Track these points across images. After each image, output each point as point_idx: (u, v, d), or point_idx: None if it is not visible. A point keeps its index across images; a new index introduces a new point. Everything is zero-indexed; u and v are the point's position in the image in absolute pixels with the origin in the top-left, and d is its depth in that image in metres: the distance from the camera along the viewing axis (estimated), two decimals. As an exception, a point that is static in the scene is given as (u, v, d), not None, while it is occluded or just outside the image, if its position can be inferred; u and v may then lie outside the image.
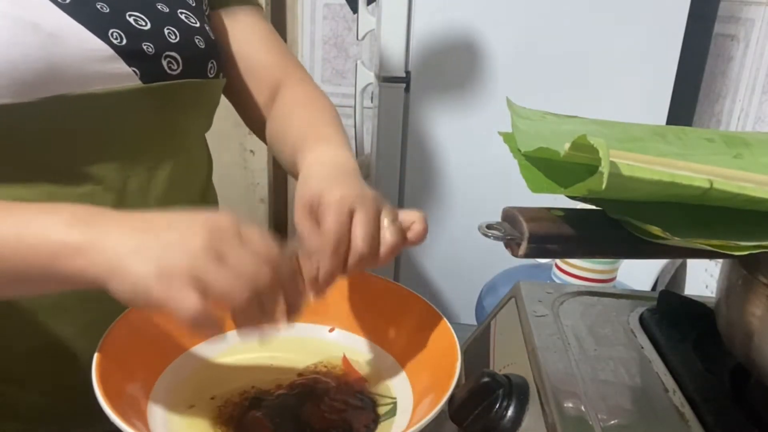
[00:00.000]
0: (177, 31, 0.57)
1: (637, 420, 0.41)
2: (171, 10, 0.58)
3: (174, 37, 0.56)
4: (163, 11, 0.57)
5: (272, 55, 0.68)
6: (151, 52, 0.54)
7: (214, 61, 0.60)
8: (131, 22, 0.54)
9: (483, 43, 1.00)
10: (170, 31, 0.56)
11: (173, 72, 0.56)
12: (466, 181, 1.07)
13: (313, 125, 0.60)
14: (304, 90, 0.67)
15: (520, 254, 0.36)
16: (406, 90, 1.04)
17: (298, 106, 0.65)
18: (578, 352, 0.47)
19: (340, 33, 1.69)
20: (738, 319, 0.40)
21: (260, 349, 0.54)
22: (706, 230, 0.34)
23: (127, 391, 0.45)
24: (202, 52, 0.59)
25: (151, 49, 0.54)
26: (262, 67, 0.67)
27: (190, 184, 0.64)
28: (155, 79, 0.55)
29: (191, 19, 0.59)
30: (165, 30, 0.56)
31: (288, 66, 0.69)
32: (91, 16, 0.51)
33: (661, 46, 0.99)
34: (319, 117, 0.62)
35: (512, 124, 0.42)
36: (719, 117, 1.09)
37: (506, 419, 0.43)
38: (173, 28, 0.56)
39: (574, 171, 0.34)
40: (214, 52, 0.61)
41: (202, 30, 0.60)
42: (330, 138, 0.57)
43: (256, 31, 0.68)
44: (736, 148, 0.41)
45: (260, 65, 0.67)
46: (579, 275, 0.77)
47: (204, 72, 0.59)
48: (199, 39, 0.58)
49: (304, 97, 0.66)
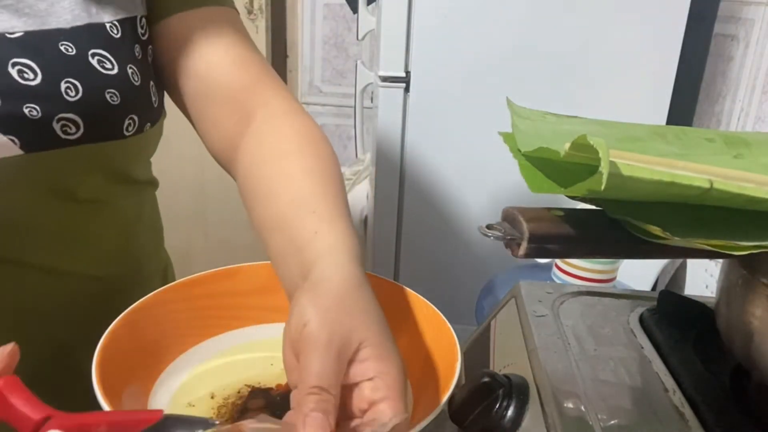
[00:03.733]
0: (80, 85, 0.44)
1: (637, 420, 0.41)
2: (78, 52, 0.45)
3: (73, 93, 0.44)
4: (66, 54, 0.44)
5: (240, 73, 0.53)
6: (36, 115, 0.42)
7: (134, 116, 0.48)
8: (13, 74, 0.42)
9: (483, 43, 1.00)
10: (69, 85, 0.43)
11: (71, 136, 0.44)
12: (466, 181, 1.07)
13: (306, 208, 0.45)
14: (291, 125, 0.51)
15: (520, 254, 0.35)
16: (406, 90, 1.04)
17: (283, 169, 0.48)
18: (578, 352, 0.47)
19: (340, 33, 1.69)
20: (738, 319, 0.40)
21: (260, 348, 0.54)
22: (706, 230, 0.34)
23: (127, 391, 0.45)
24: (115, 110, 0.46)
25: (36, 113, 0.42)
26: (225, 87, 0.52)
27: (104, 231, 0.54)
28: (43, 146, 0.44)
29: (106, 63, 0.46)
30: (62, 85, 0.43)
31: (263, 86, 0.53)
32: None
33: (661, 46, 0.99)
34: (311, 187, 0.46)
35: (512, 124, 0.42)
36: (719, 117, 1.09)
37: (506, 419, 0.43)
38: (74, 81, 0.44)
39: (574, 171, 0.34)
40: (138, 104, 0.49)
41: (119, 78, 0.47)
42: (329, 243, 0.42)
43: (220, 42, 0.52)
44: (736, 148, 0.41)
45: (225, 83, 0.52)
46: (579, 275, 0.77)
47: (117, 132, 0.47)
48: (112, 94, 0.46)
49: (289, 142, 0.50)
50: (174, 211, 0.68)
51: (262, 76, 0.54)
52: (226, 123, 0.53)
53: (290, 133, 0.51)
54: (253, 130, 0.52)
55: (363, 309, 0.38)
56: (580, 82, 1.01)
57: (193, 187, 1.75)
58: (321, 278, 0.39)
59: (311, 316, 0.36)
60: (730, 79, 1.06)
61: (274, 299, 0.57)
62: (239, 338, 0.55)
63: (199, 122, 0.55)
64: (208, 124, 0.54)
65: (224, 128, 0.53)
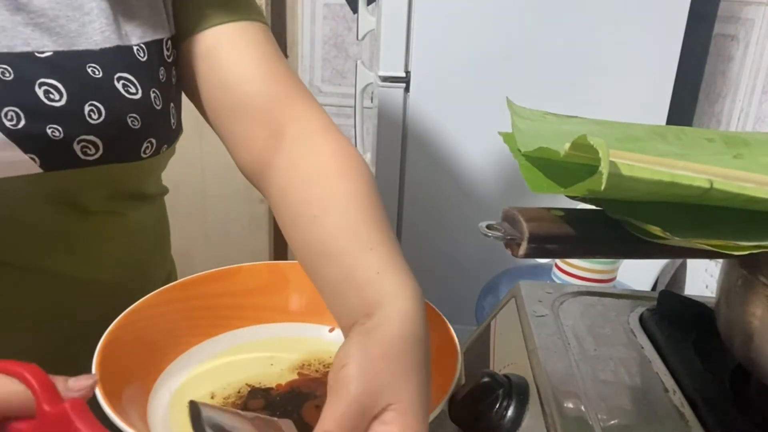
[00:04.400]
0: (103, 109, 0.45)
1: (637, 420, 0.41)
2: (105, 75, 0.45)
3: (96, 117, 0.44)
4: (93, 77, 0.45)
5: (271, 86, 0.52)
6: (58, 136, 0.43)
7: (153, 139, 0.49)
8: (39, 95, 0.42)
9: (483, 43, 1.00)
10: (93, 108, 0.44)
11: (89, 158, 0.45)
12: (466, 181, 1.07)
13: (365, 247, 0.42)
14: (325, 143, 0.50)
15: (520, 254, 0.35)
16: (406, 90, 1.04)
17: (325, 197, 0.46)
18: (578, 352, 0.47)
19: (340, 33, 1.69)
20: (738, 319, 0.40)
21: (260, 349, 0.54)
22: (706, 230, 0.34)
23: (127, 391, 0.45)
24: (135, 133, 0.47)
25: (59, 133, 0.43)
26: (257, 101, 0.52)
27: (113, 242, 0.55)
28: (61, 166, 0.44)
29: (131, 88, 0.47)
30: (86, 107, 0.44)
31: (296, 100, 0.53)
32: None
33: (661, 46, 0.99)
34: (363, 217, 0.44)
35: (512, 124, 0.42)
36: (719, 117, 1.09)
37: (506, 419, 0.43)
38: (98, 105, 0.44)
39: (574, 171, 0.34)
40: (157, 128, 0.49)
41: (141, 103, 0.47)
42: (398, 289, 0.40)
43: (251, 55, 0.52)
44: (736, 148, 0.41)
45: (257, 98, 0.52)
46: (579, 275, 0.77)
47: (135, 154, 0.48)
48: (133, 118, 0.47)
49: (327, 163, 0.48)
50: (174, 211, 0.68)
51: (293, 90, 0.53)
52: (257, 137, 0.52)
53: (327, 153, 0.49)
54: (286, 147, 0.50)
55: (407, 369, 0.35)
56: (580, 82, 1.01)
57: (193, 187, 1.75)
58: (380, 323, 0.37)
59: (353, 360, 0.35)
60: (730, 79, 1.06)
61: (274, 299, 0.57)
62: (239, 338, 0.55)
63: (227, 136, 0.54)
64: (237, 137, 0.53)
65: (254, 143, 0.52)
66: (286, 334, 0.56)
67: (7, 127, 0.41)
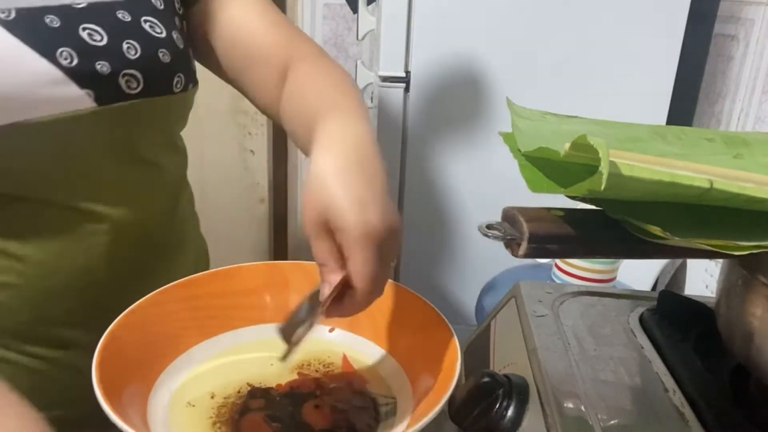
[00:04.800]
0: (138, 46, 0.52)
1: (637, 420, 0.41)
2: (133, 18, 0.53)
3: (134, 52, 0.51)
4: (124, 20, 0.52)
5: (276, 34, 0.61)
6: (106, 71, 0.49)
7: (181, 74, 0.56)
8: (84, 37, 0.49)
9: (483, 43, 1.00)
10: (130, 45, 0.51)
11: (133, 91, 0.52)
12: (466, 181, 1.07)
13: (328, 96, 0.54)
14: (317, 64, 0.60)
15: (520, 254, 0.36)
16: (406, 90, 1.04)
17: (310, 81, 0.58)
18: (578, 352, 0.47)
19: (340, 33, 1.69)
20: (738, 319, 0.40)
21: (260, 348, 0.54)
22: (706, 230, 0.34)
23: (127, 390, 0.45)
24: (167, 67, 0.54)
25: (107, 68, 0.49)
26: (266, 48, 0.61)
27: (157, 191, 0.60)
28: (112, 99, 0.51)
29: (156, 28, 0.54)
30: (124, 45, 0.51)
31: (295, 41, 0.62)
32: (38, 33, 0.47)
33: (661, 46, 0.99)
34: (333, 87, 0.56)
35: (512, 124, 0.42)
36: (719, 117, 1.09)
37: (506, 419, 0.43)
38: (133, 42, 0.51)
39: (574, 171, 0.34)
40: (182, 64, 0.56)
41: (167, 41, 0.54)
42: (345, 108, 0.51)
43: (254, 10, 0.61)
44: (736, 148, 0.41)
45: (264, 46, 0.61)
46: (579, 275, 0.77)
47: (169, 88, 0.55)
48: (163, 53, 0.54)
49: (316, 71, 0.59)
50: (174, 211, 0.69)
51: (292, 34, 0.63)
52: (269, 80, 0.60)
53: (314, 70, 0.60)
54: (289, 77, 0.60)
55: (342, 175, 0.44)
56: (580, 82, 1.01)
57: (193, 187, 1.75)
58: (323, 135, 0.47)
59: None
60: (730, 79, 1.06)
61: (274, 299, 0.57)
62: (239, 338, 0.55)
63: (245, 83, 0.63)
64: (253, 83, 0.62)
65: (268, 85, 0.61)
66: (286, 334, 0.56)
67: (64, 65, 0.47)
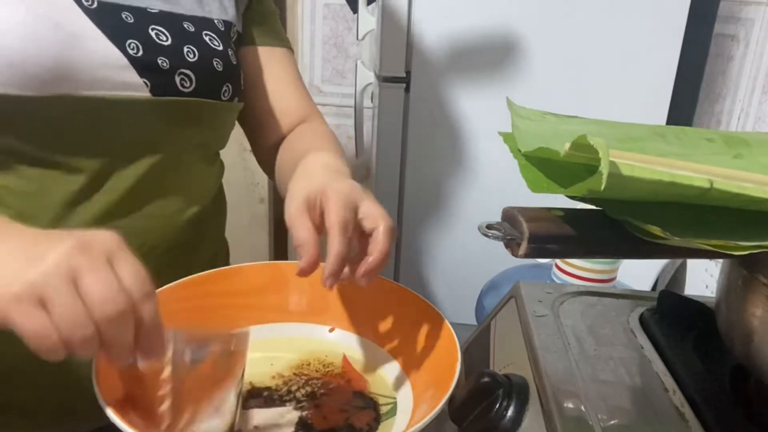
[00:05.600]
0: (196, 51, 0.58)
1: (637, 420, 0.41)
2: (196, 30, 0.59)
3: (192, 56, 0.57)
4: (188, 30, 0.58)
5: (299, 98, 0.71)
6: (165, 66, 0.55)
7: (229, 84, 0.61)
8: (152, 35, 0.55)
9: (483, 43, 1.00)
10: (189, 49, 0.57)
11: (185, 89, 0.57)
12: (466, 181, 1.07)
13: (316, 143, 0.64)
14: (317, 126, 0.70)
15: (520, 254, 0.36)
16: (406, 90, 1.04)
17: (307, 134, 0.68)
18: (578, 352, 0.47)
19: (340, 33, 1.69)
20: (738, 319, 0.40)
21: (260, 348, 0.54)
22: (706, 230, 0.34)
23: (127, 391, 0.45)
24: (218, 74, 0.59)
25: (166, 64, 0.55)
26: (289, 107, 0.70)
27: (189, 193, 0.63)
28: (166, 93, 0.56)
29: (215, 41, 0.60)
30: (184, 48, 0.57)
31: (311, 109, 0.72)
32: (114, 24, 0.53)
33: (661, 46, 0.99)
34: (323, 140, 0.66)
35: (512, 124, 0.42)
36: (719, 117, 1.09)
37: (506, 419, 0.43)
38: (193, 47, 0.57)
39: (574, 171, 0.34)
40: (232, 76, 0.62)
41: (223, 53, 0.60)
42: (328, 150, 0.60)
43: (289, 73, 0.71)
44: (736, 148, 0.41)
45: (288, 105, 0.70)
46: (579, 275, 0.77)
47: (217, 93, 0.60)
48: (217, 62, 0.59)
49: (313, 131, 0.69)
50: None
51: (308, 105, 0.72)
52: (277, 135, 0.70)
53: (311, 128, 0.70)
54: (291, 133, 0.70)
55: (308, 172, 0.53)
56: (580, 81, 1.01)
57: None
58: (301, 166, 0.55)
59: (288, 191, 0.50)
60: (730, 79, 1.06)
61: (274, 299, 0.57)
62: (239, 338, 0.55)
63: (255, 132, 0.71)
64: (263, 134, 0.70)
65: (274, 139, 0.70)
66: (286, 334, 0.56)
67: (130, 54, 0.53)
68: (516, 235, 0.35)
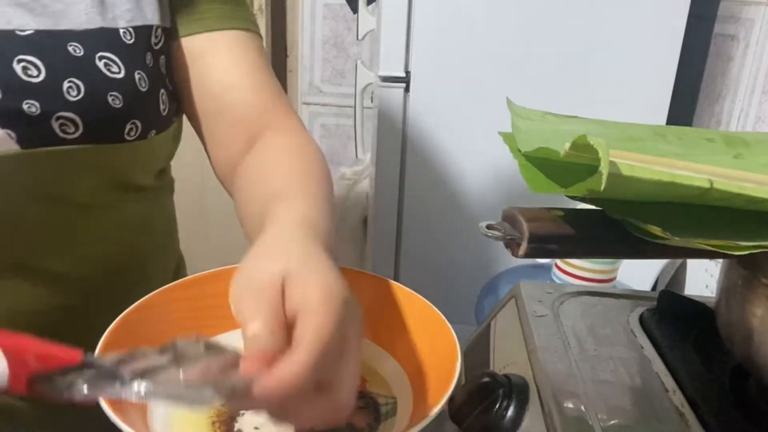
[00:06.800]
0: (82, 85, 0.45)
1: (637, 420, 0.41)
2: (86, 53, 0.46)
3: (75, 93, 0.44)
4: (74, 55, 0.45)
5: (258, 96, 0.55)
6: (34, 112, 0.43)
7: (137, 121, 0.48)
8: (17, 70, 0.43)
9: (483, 43, 1.00)
10: (72, 84, 0.44)
11: (69, 136, 0.45)
12: (466, 181, 1.07)
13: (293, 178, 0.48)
14: (290, 139, 0.54)
15: (520, 254, 0.35)
16: (406, 90, 1.04)
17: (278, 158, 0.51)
18: (578, 352, 0.47)
19: (340, 33, 1.69)
20: (738, 319, 0.40)
21: (260, 349, 0.54)
22: (706, 230, 0.34)
23: (127, 391, 0.45)
24: (117, 112, 0.47)
25: (35, 109, 0.43)
26: (243, 109, 0.54)
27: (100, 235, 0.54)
28: (40, 143, 0.44)
29: (113, 67, 0.47)
30: (64, 84, 0.44)
31: (277, 110, 0.55)
32: None
33: (661, 46, 0.99)
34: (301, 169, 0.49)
35: (512, 124, 0.42)
36: (719, 117, 1.09)
37: (506, 419, 0.43)
38: (77, 81, 0.44)
39: (574, 171, 0.34)
40: (140, 110, 0.49)
41: (124, 83, 0.47)
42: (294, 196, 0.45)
43: (242, 64, 0.54)
44: (736, 148, 0.41)
45: (241, 106, 0.54)
46: (579, 275, 0.77)
47: (118, 136, 0.48)
48: (114, 96, 0.46)
49: (288, 147, 0.53)
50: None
51: (274, 100, 0.56)
52: (235, 142, 0.54)
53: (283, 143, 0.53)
54: (255, 148, 0.54)
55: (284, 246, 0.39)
56: (580, 82, 1.01)
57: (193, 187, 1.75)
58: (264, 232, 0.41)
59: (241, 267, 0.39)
60: (730, 79, 1.06)
61: (274, 299, 0.57)
62: (239, 338, 0.55)
63: (207, 139, 0.57)
64: (216, 140, 0.56)
65: (231, 149, 0.54)
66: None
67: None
68: (516, 235, 0.35)
